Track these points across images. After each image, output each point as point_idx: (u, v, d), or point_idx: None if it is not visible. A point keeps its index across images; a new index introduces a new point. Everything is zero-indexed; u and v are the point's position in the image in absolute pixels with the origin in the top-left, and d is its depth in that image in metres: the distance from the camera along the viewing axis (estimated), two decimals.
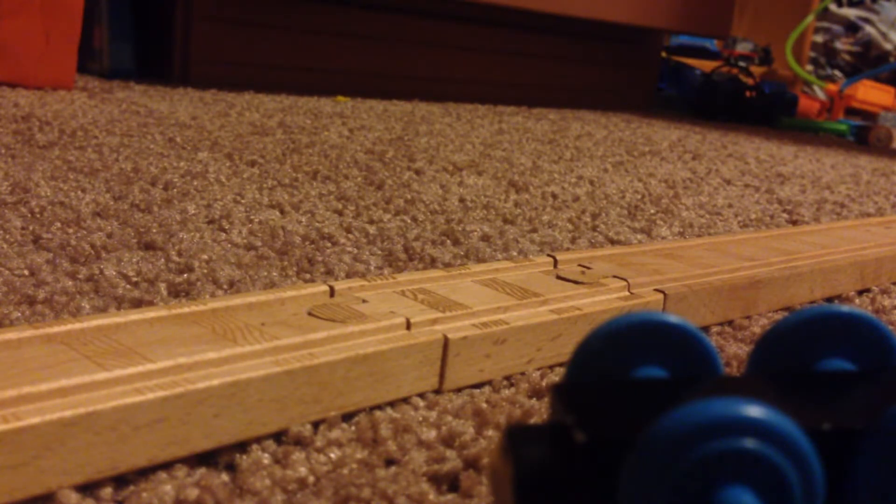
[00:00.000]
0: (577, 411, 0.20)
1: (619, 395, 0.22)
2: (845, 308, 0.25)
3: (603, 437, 0.19)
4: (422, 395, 0.31)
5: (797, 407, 0.21)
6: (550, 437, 0.20)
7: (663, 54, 2.02)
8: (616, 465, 0.19)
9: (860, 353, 0.25)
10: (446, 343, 0.31)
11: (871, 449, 0.20)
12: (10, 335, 0.27)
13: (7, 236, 0.44)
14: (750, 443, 0.18)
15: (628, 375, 0.24)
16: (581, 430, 0.19)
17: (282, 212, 0.56)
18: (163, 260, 0.43)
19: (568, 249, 0.54)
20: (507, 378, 0.34)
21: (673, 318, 0.24)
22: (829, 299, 0.50)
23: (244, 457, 0.26)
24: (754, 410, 0.18)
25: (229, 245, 0.47)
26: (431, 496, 0.25)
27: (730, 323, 0.44)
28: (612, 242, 0.57)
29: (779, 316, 0.46)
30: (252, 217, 0.53)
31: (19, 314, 0.34)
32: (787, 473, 0.18)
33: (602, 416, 0.21)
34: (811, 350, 0.25)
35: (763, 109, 1.76)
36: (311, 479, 0.25)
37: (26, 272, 0.39)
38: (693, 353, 0.24)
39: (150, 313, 0.29)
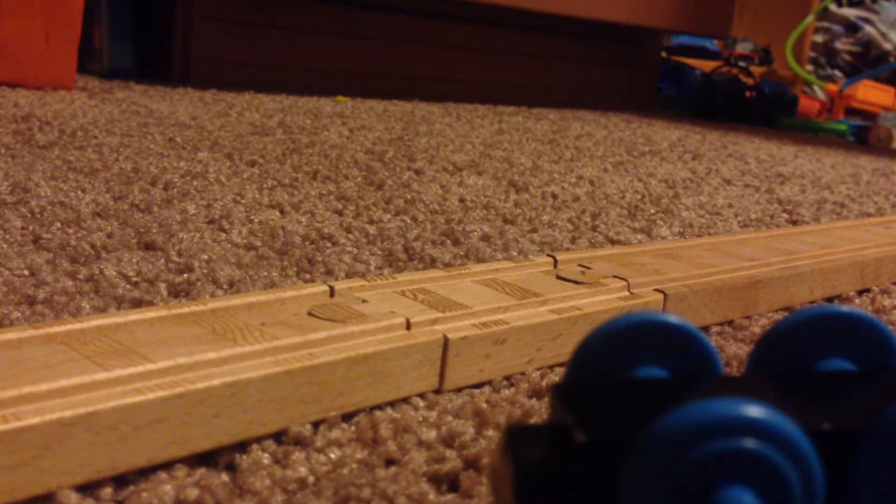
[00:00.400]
0: (577, 411, 0.20)
1: (619, 395, 0.22)
2: (845, 308, 0.25)
3: (603, 437, 0.19)
4: (422, 395, 0.31)
5: (797, 407, 0.21)
6: (550, 437, 0.20)
7: (663, 54, 2.02)
8: (616, 465, 0.19)
9: (860, 353, 0.25)
10: (446, 343, 0.31)
11: (871, 449, 0.20)
12: (10, 335, 0.27)
13: (7, 236, 0.44)
14: (750, 443, 0.18)
15: (628, 375, 0.24)
16: (581, 430, 0.19)
17: (282, 212, 0.56)
18: (163, 260, 0.43)
19: (568, 249, 0.54)
20: (507, 378, 0.34)
21: (673, 318, 0.24)
22: (829, 299, 0.50)
23: (244, 457, 0.26)
24: (754, 410, 0.18)
25: (229, 245, 0.47)
26: (431, 496, 0.25)
27: (730, 323, 0.44)
28: (612, 242, 0.57)
29: (779, 316, 0.46)
30: (252, 217, 0.53)
31: (19, 314, 0.34)
32: (787, 473, 0.18)
33: (602, 416, 0.21)
34: (811, 350, 0.25)
35: (763, 109, 1.76)
36: (311, 479, 0.25)
37: (26, 272, 0.39)
38: (693, 353, 0.24)
39: (150, 313, 0.29)
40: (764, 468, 0.18)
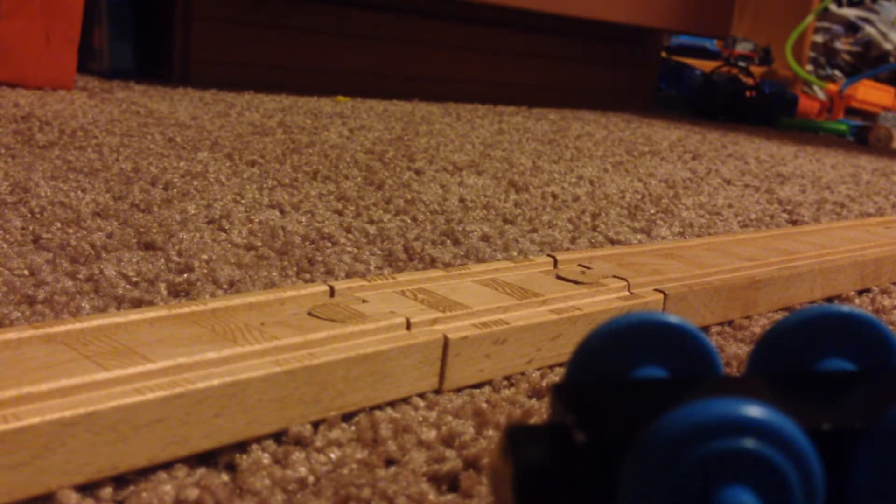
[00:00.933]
0: (577, 411, 0.20)
1: (619, 395, 0.22)
2: (845, 308, 0.25)
3: (603, 437, 0.19)
4: (422, 395, 0.31)
5: (797, 407, 0.21)
6: (550, 437, 0.20)
7: (663, 54, 2.02)
8: (616, 465, 0.19)
9: (860, 353, 0.25)
10: (446, 343, 0.31)
11: (871, 449, 0.20)
12: (10, 335, 0.27)
13: (7, 236, 0.44)
14: (750, 443, 0.18)
15: (628, 375, 0.24)
16: (581, 430, 0.19)
17: (282, 212, 0.56)
18: (163, 260, 0.43)
19: (568, 249, 0.54)
20: (507, 378, 0.34)
21: (673, 318, 0.24)
22: (829, 299, 0.50)
23: (244, 457, 0.26)
24: (754, 410, 0.18)
25: (229, 245, 0.47)
26: (431, 496, 0.25)
27: (730, 323, 0.44)
28: (612, 242, 0.57)
29: (779, 316, 0.46)
30: (252, 217, 0.53)
31: (19, 314, 0.34)
32: (787, 473, 0.18)
33: (602, 416, 0.21)
34: (811, 350, 0.25)
35: (763, 109, 1.76)
36: (311, 479, 0.25)
37: (26, 272, 0.39)
38: (693, 353, 0.24)
39: (150, 313, 0.29)
40: (764, 468, 0.18)
